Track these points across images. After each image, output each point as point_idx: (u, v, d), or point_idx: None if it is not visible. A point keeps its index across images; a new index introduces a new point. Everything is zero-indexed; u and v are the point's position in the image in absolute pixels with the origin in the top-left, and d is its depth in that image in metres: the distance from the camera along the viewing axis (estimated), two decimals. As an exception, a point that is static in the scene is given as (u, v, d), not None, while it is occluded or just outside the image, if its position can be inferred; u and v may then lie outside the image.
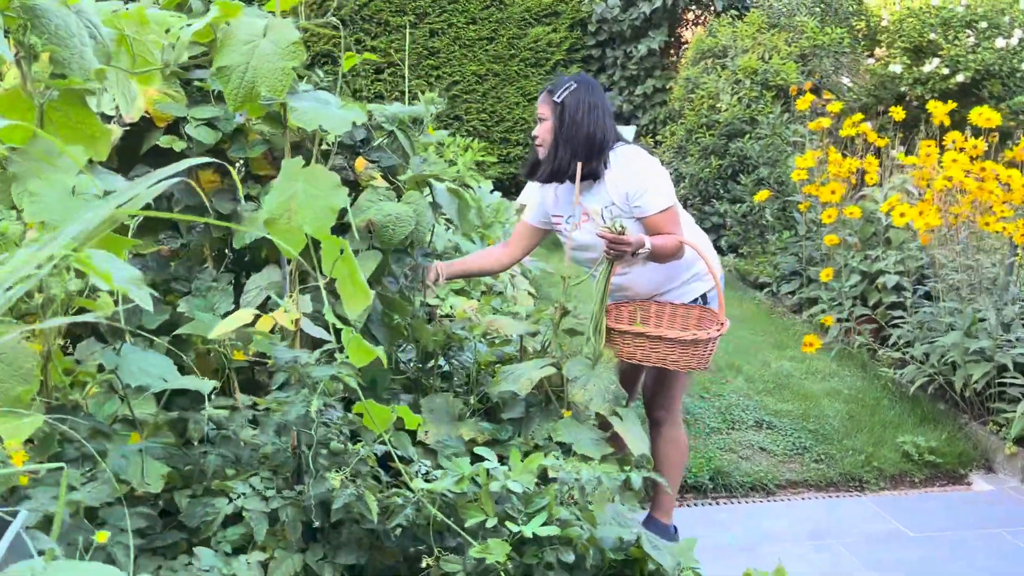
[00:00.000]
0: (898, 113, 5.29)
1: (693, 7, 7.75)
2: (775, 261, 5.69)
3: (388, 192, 2.14)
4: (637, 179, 2.50)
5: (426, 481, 1.84)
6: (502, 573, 1.54)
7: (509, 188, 8.03)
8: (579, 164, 2.46)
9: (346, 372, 1.50)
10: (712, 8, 7.68)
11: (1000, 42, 7.64)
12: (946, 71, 7.74)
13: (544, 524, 1.64)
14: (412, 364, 2.54)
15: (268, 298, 2.09)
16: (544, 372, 2.35)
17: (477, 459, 2.05)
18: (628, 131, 7.70)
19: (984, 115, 3.82)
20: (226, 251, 2.25)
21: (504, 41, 7.79)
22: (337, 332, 1.56)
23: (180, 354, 1.97)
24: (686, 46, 7.70)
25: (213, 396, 1.83)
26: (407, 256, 2.18)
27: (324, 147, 2.16)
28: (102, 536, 1.36)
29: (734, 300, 5.67)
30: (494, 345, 2.76)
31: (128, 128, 2.08)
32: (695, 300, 2.72)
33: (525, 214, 2.81)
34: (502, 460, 2.30)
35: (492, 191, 5.08)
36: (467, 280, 4.20)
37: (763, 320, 5.31)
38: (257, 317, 1.73)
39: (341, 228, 2.18)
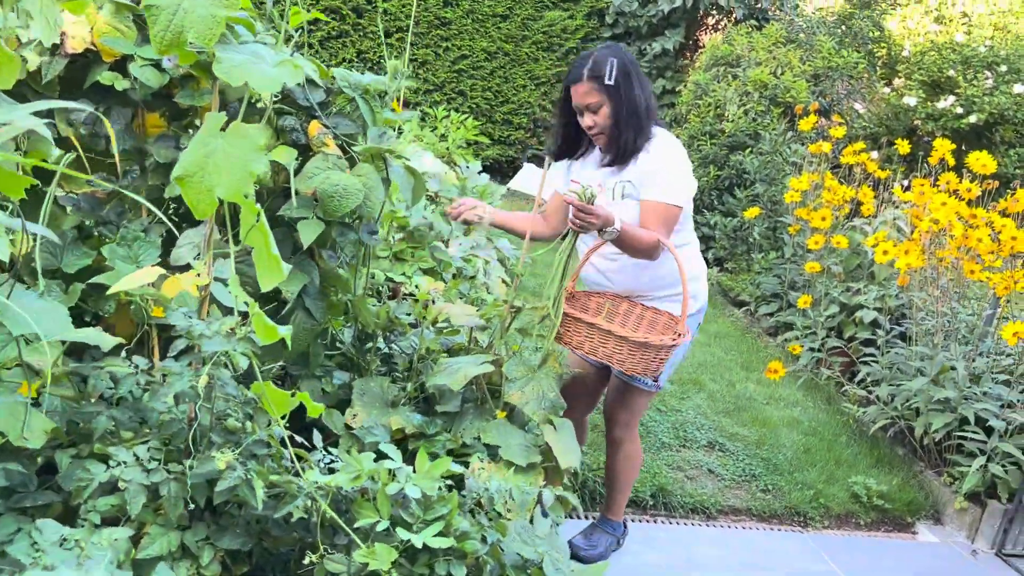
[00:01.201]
0: (904, 146, 5.17)
1: (714, 11, 7.59)
2: (757, 280, 5.59)
3: (340, 161, 2.03)
4: (661, 163, 2.34)
5: (331, 471, 1.75)
6: (385, 581, 1.45)
7: (507, 171, 7.91)
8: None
9: (243, 348, 1.40)
10: (732, 15, 7.53)
11: (1018, 88, 7.52)
12: (960, 110, 7.62)
13: (440, 534, 1.55)
14: (349, 344, 2.44)
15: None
16: (481, 369, 2.25)
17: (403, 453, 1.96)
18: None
19: (981, 161, 3.72)
20: (165, 200, 2.14)
21: (518, 21, 7.63)
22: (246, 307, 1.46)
23: (86, 307, 1.87)
24: (702, 50, 7.56)
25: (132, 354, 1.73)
26: (351, 231, 2.08)
27: (275, 105, 2.06)
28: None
29: (712, 315, 5.59)
30: (441, 333, 2.66)
31: (72, 60, 1.97)
32: None
33: (557, 186, 2.66)
34: (433, 457, 2.20)
35: (481, 172, 4.95)
36: (438, 261, 4.09)
37: (736, 339, 5.22)
38: (166, 277, 1.62)
39: (286, 193, 2.08)
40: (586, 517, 3.04)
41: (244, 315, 1.64)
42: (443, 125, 5.20)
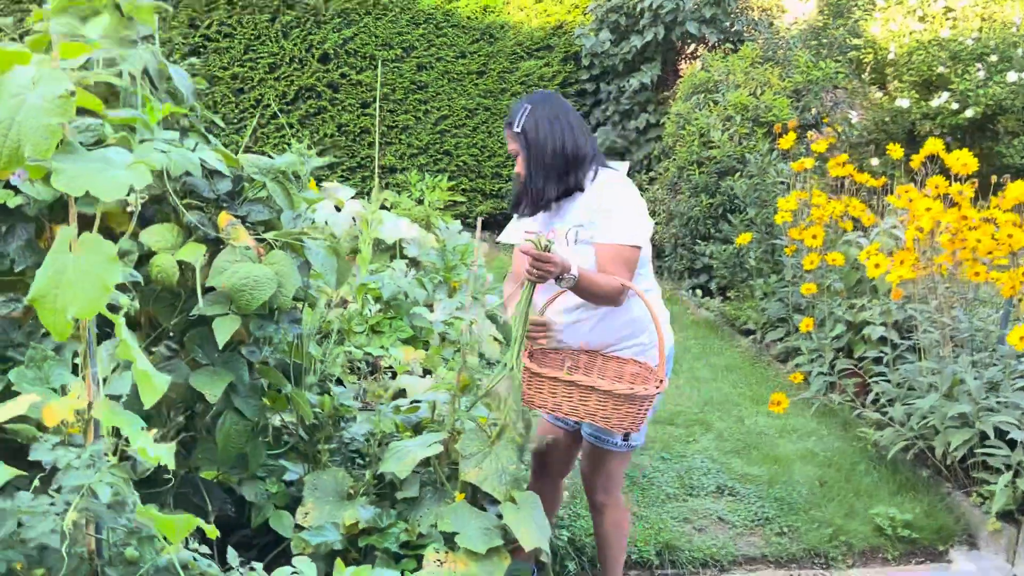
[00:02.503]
0: (896, 151, 5.00)
1: (688, 40, 7.54)
2: (761, 306, 5.41)
3: (249, 252, 1.93)
4: (612, 204, 2.23)
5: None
6: None
7: (503, 224, 7.84)
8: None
9: (110, 478, 1.28)
10: (707, 41, 7.47)
11: (1012, 76, 7.34)
12: (955, 106, 7.44)
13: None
14: (296, 435, 2.32)
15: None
16: (431, 451, 2.12)
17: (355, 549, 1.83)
18: (621, 166, 7.47)
19: (961, 160, 3.55)
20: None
21: (495, 75, 7.62)
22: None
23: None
24: (682, 79, 7.49)
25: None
26: (270, 322, 1.97)
27: (183, 201, 1.97)
28: None
29: (718, 347, 5.40)
30: (399, 411, 2.53)
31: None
32: None
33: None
34: (384, 552, 2.06)
35: (461, 231, 4.87)
36: (418, 329, 3.99)
37: (745, 370, 5.02)
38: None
39: (205, 290, 1.99)
40: (586, 587, 2.86)
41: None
42: (417, 189, 5.14)
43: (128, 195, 1.41)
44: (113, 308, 1.46)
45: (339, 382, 3.59)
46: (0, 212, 1.94)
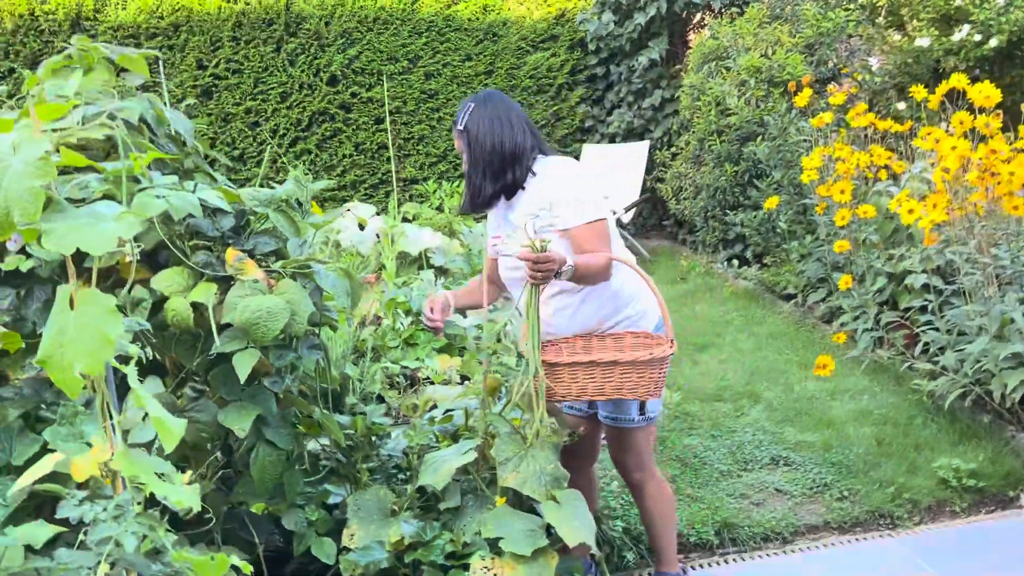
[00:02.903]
0: (919, 92, 4.85)
1: (694, 10, 7.42)
2: (799, 269, 5.29)
3: (259, 284, 1.94)
4: (564, 186, 2.27)
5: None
6: None
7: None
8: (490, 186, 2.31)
9: (136, 528, 1.29)
10: (711, 9, 7.34)
11: (1033, -1, 7.07)
12: (978, 37, 7.20)
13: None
14: (334, 459, 2.33)
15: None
16: (466, 459, 2.11)
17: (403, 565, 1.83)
18: (642, 146, 7.40)
19: (984, 93, 3.42)
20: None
21: (503, 73, 7.60)
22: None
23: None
24: (691, 50, 7.37)
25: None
26: (288, 351, 1.98)
27: (190, 243, 2.00)
28: None
29: (759, 316, 5.31)
30: (434, 422, 2.53)
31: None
32: None
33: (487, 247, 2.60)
34: (430, 565, 2.06)
35: (484, 234, 4.85)
36: (451, 337, 3.99)
37: (790, 335, 4.92)
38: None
39: (222, 327, 2.00)
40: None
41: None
42: (436, 198, 5.15)
43: (125, 245, 1.43)
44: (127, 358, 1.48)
45: (380, 398, 3.61)
46: (15, 277, 1.98)
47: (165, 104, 4.01)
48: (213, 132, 6.95)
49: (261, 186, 2.21)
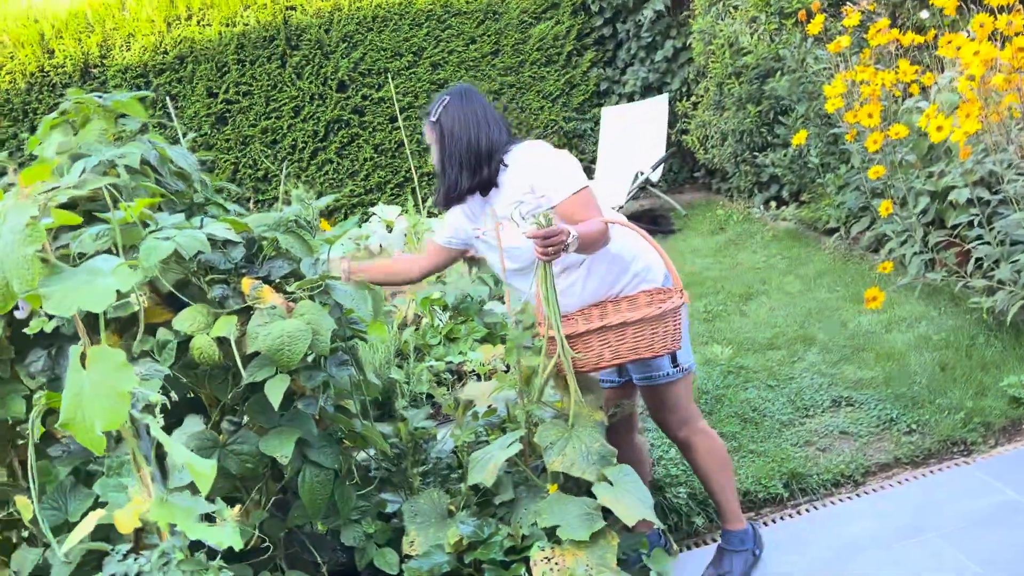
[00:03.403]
0: (939, -1, 4.64)
1: (693, -47, 7.21)
2: (838, 202, 5.13)
3: (277, 310, 1.94)
4: (540, 166, 2.30)
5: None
6: None
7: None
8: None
9: (188, 574, 1.30)
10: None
11: None
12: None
13: None
14: (383, 468, 2.33)
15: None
16: (510, 452, 2.09)
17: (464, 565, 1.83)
18: (660, 100, 7.24)
19: (1001, -11, 3.24)
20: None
21: (508, 50, 7.50)
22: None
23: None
24: (697, -5, 7.16)
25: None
26: (318, 371, 1.97)
27: (206, 278, 2.00)
28: None
29: (803, 256, 5.18)
30: (477, 418, 2.51)
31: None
32: None
33: (436, 233, 2.60)
34: (491, 563, 2.05)
35: (512, 216, 4.80)
36: (490, 326, 3.96)
37: (837, 271, 4.79)
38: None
39: (248, 358, 2.00)
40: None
41: (209, 517, 1.56)
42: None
43: (132, 296, 1.42)
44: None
45: (429, 397, 3.61)
46: (45, 337, 2.00)
47: (180, 139, 4.03)
48: (234, 157, 7.01)
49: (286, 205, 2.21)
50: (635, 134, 7.20)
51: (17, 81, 6.59)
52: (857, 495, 2.89)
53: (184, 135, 2.75)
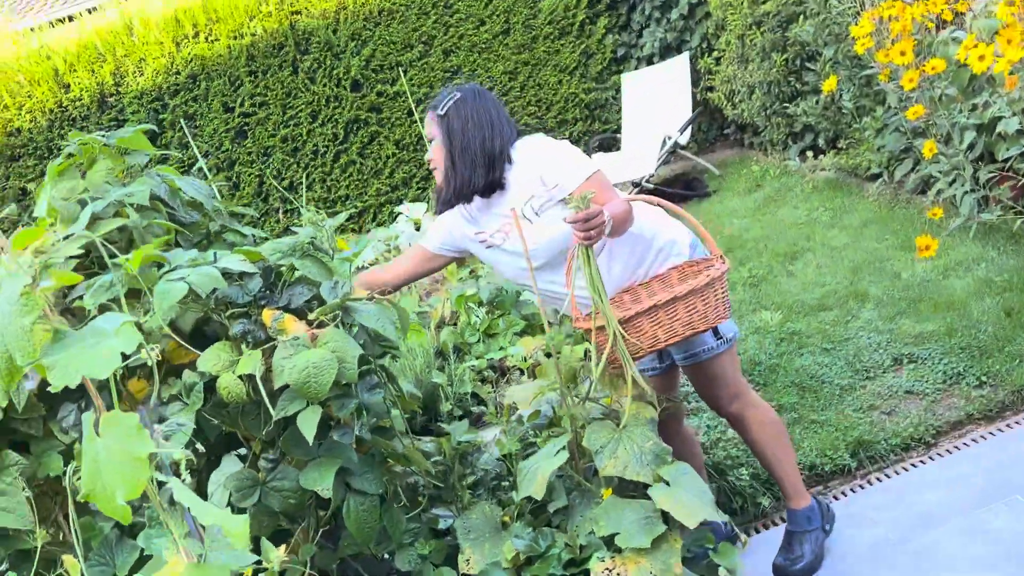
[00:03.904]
0: (964, -83, 4.37)
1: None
2: (878, 145, 4.91)
3: (302, 339, 1.86)
4: (545, 157, 2.22)
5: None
6: None
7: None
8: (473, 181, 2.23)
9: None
10: None
11: None
12: None
13: None
14: (431, 485, 2.26)
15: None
16: (558, 461, 2.00)
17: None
18: (681, 60, 7.03)
19: (1035, -98, 3.01)
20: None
21: (519, 27, 7.33)
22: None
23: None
24: (708, -54, 6.91)
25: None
26: (349, 398, 1.90)
27: (226, 314, 1.94)
28: None
29: (847, 205, 4.97)
30: (523, 423, 2.43)
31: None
32: None
33: (424, 237, 2.48)
34: None
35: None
36: (527, 318, 3.87)
37: (884, 218, 4.58)
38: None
39: (277, 391, 1.94)
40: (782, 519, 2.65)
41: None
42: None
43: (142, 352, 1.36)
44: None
45: (475, 396, 3.54)
46: (72, 392, 1.97)
47: (200, 160, 3.97)
48: (258, 169, 6.99)
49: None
50: (658, 97, 7.01)
51: (38, 119, 6.64)
52: (930, 458, 2.74)
53: (205, 154, 2.69)
